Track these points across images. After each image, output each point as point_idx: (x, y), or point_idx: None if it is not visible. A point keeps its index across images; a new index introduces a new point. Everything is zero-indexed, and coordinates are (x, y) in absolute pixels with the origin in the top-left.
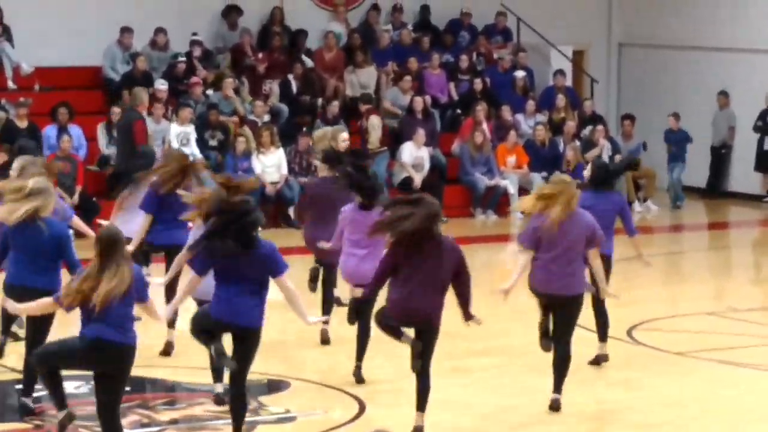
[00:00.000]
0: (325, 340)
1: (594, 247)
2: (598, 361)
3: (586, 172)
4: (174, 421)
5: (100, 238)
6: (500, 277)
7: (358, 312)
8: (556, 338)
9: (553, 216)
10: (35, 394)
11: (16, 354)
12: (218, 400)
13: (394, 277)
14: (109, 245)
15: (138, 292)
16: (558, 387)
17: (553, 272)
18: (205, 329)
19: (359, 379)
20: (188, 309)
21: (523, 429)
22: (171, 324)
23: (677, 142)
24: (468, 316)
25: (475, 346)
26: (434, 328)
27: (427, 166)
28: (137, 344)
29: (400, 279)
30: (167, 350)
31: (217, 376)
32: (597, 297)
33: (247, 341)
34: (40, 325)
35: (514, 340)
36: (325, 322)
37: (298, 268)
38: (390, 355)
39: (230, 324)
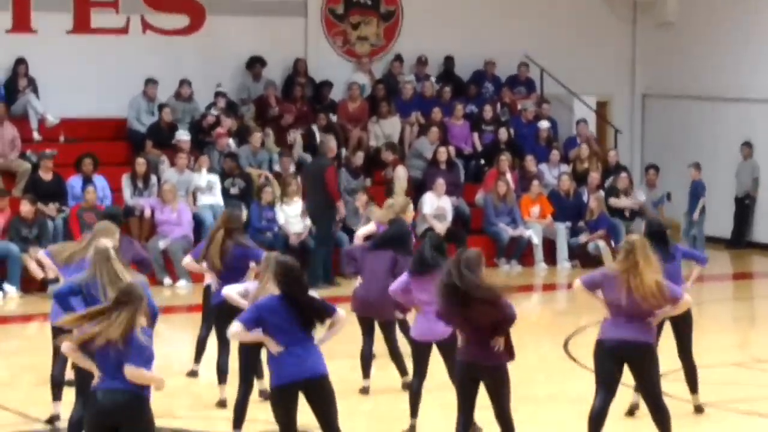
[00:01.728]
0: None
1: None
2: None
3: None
4: None
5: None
6: (525, 327)
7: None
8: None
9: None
10: None
11: (44, 404)
12: None
13: None
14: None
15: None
16: None
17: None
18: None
19: None
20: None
21: None
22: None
23: (694, 193)
24: None
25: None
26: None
27: (449, 216)
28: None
29: None
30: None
31: (238, 424)
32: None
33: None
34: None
35: (539, 391)
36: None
37: None
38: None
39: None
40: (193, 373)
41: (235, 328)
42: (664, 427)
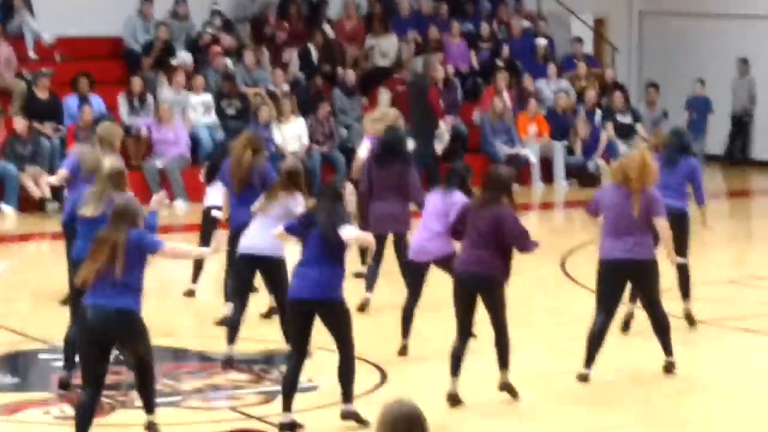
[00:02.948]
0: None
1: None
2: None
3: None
4: (197, 390)
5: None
6: None
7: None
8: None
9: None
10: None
11: (41, 323)
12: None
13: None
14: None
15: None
16: (666, 349)
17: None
18: None
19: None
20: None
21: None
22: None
23: (699, 109)
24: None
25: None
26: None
27: (446, 135)
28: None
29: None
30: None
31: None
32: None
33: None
34: None
35: (537, 310)
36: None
37: None
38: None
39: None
40: (190, 293)
41: (279, 230)
42: (664, 337)
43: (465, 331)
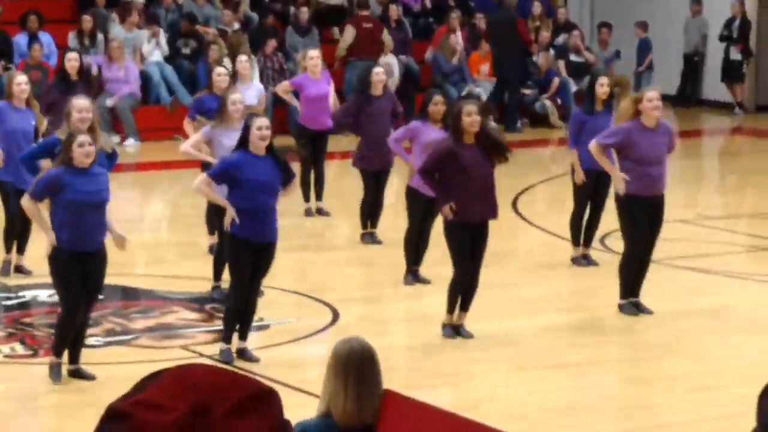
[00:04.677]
0: None
1: None
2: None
3: None
4: (147, 329)
5: None
6: None
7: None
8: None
9: None
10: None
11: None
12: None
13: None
14: None
15: None
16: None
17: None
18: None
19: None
20: None
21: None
22: None
23: (640, 51)
24: None
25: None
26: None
27: (396, 72)
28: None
29: None
30: None
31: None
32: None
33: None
34: None
35: (489, 249)
36: None
37: None
38: (364, 263)
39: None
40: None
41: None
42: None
43: None
